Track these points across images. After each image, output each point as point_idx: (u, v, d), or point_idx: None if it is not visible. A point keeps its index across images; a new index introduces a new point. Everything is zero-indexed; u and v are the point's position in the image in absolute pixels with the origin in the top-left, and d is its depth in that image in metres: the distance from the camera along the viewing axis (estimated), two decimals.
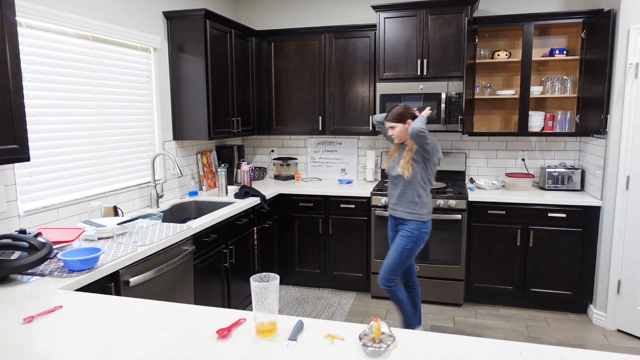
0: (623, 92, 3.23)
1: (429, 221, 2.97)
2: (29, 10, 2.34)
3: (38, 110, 2.48)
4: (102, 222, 2.54)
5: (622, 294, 3.33)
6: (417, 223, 2.92)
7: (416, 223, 2.92)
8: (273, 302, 1.34)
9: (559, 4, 3.92)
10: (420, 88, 3.86)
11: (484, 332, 3.40)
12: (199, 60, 3.49)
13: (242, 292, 3.45)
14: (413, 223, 2.92)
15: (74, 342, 1.34)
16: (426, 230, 2.96)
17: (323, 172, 4.70)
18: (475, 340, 1.32)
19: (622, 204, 3.28)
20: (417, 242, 2.94)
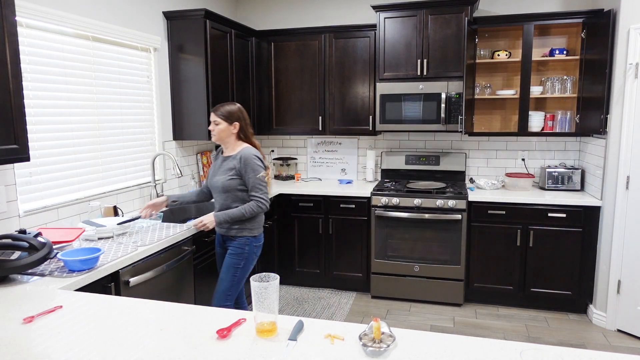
0: (623, 92, 3.23)
1: (260, 235, 2.68)
2: (29, 10, 2.34)
3: (38, 110, 2.47)
4: (102, 222, 2.54)
5: (622, 294, 3.33)
6: (246, 239, 2.61)
7: (245, 239, 2.61)
8: (273, 302, 1.34)
9: (559, 4, 3.92)
10: (420, 88, 3.86)
11: (484, 332, 3.40)
12: (199, 60, 3.49)
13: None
14: (242, 239, 2.61)
15: (74, 342, 1.34)
16: (257, 244, 2.68)
17: (323, 172, 4.70)
18: (475, 340, 1.32)
19: (622, 204, 3.28)
20: (248, 259, 2.63)
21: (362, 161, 4.58)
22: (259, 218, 2.69)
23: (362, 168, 4.58)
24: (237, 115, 2.61)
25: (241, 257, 2.62)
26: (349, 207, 3.97)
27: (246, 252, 2.63)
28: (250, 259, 2.67)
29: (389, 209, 3.80)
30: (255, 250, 2.69)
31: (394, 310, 3.76)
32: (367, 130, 4.16)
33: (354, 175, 4.61)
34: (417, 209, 3.75)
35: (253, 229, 2.64)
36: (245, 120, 2.65)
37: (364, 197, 3.91)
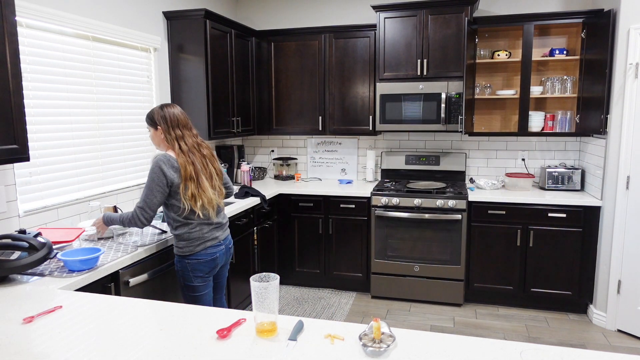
0: (623, 92, 3.23)
1: (196, 253, 2.28)
2: (29, 10, 2.34)
3: (38, 110, 2.48)
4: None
5: (622, 294, 3.33)
6: (177, 257, 2.32)
7: (176, 257, 2.32)
8: (273, 302, 1.34)
9: (559, 4, 3.92)
10: (420, 88, 3.86)
11: (484, 332, 3.40)
12: (199, 60, 3.49)
13: (242, 292, 3.45)
14: (176, 257, 2.33)
15: (74, 342, 1.34)
16: (194, 260, 2.28)
17: (323, 172, 4.70)
18: (475, 340, 1.32)
19: (622, 204, 3.28)
20: (185, 278, 2.30)
21: (362, 161, 4.58)
22: (190, 236, 2.25)
23: (362, 168, 4.58)
24: (156, 118, 2.26)
25: (178, 275, 2.35)
26: (349, 207, 3.97)
27: (179, 270, 2.32)
28: (186, 277, 2.30)
29: (389, 209, 3.80)
30: (193, 267, 2.29)
31: (394, 310, 3.76)
32: (367, 130, 4.16)
33: (354, 175, 4.61)
34: (417, 209, 3.75)
35: (181, 247, 2.28)
36: (167, 123, 2.25)
37: (364, 197, 3.91)
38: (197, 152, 2.27)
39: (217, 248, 2.35)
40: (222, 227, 2.39)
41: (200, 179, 2.22)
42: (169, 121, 2.26)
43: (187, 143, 2.25)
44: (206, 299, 2.36)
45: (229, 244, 2.46)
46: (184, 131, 2.27)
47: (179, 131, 2.26)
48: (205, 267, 2.31)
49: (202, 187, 2.22)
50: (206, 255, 2.30)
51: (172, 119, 2.26)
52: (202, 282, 2.32)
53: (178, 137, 2.24)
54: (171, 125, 2.25)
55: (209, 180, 2.27)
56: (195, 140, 2.31)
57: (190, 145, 2.25)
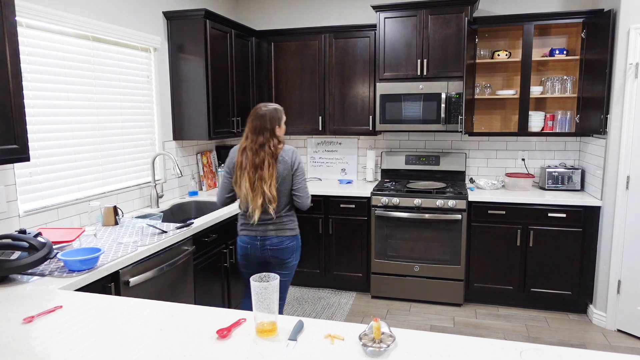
0: (623, 92, 3.23)
1: (238, 234, 2.66)
2: (29, 10, 2.34)
3: (38, 110, 2.48)
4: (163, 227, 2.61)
5: (622, 294, 3.33)
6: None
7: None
8: (273, 302, 1.34)
9: (559, 4, 3.92)
10: (420, 88, 3.86)
11: (484, 332, 3.40)
12: (199, 60, 3.49)
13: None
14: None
15: (74, 342, 1.34)
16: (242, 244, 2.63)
17: (323, 172, 4.70)
18: (475, 340, 1.32)
19: (622, 204, 3.28)
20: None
21: (362, 161, 4.57)
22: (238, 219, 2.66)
23: (362, 168, 4.58)
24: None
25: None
26: (349, 207, 3.97)
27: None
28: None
29: (389, 209, 3.80)
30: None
31: (394, 310, 3.76)
32: (367, 130, 4.16)
33: (354, 175, 4.61)
34: (417, 209, 3.75)
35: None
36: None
37: (364, 197, 3.91)
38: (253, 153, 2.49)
39: (250, 241, 2.58)
40: (262, 226, 2.55)
41: (241, 176, 2.48)
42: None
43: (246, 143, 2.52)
44: (246, 277, 2.59)
45: (268, 245, 2.56)
46: (248, 133, 2.53)
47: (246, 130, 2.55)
48: (239, 250, 2.65)
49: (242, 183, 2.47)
50: (241, 240, 2.63)
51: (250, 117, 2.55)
52: (241, 261, 2.67)
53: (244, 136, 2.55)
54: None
55: (257, 182, 2.46)
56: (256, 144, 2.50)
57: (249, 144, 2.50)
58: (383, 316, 3.66)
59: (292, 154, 2.56)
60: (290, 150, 2.56)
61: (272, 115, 2.51)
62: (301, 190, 2.57)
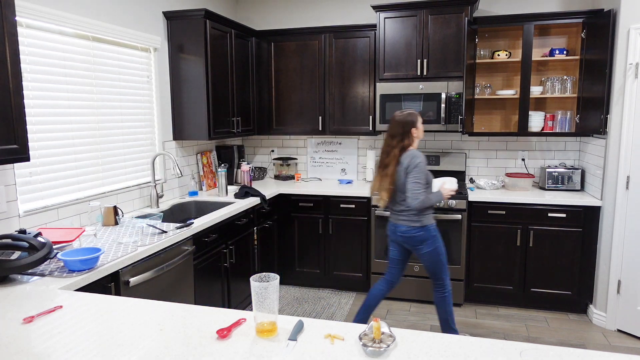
0: (623, 92, 3.23)
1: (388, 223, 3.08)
2: (29, 10, 2.34)
3: (38, 110, 2.48)
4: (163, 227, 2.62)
5: (622, 294, 3.33)
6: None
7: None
8: (273, 302, 1.34)
9: (559, 4, 3.92)
10: (420, 88, 3.86)
11: (484, 332, 3.41)
12: (199, 60, 3.49)
13: (242, 292, 3.45)
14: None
15: (74, 342, 1.34)
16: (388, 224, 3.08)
17: (323, 172, 4.70)
18: (475, 340, 1.32)
19: (622, 204, 3.28)
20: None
21: (362, 161, 4.58)
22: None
23: (362, 168, 4.58)
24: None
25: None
26: (349, 207, 3.97)
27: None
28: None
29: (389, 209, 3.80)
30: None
31: (394, 310, 3.76)
32: (367, 130, 4.16)
33: (354, 175, 4.61)
34: None
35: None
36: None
37: (364, 197, 3.91)
38: (382, 157, 2.94)
39: (388, 225, 3.06)
40: (393, 214, 3.00)
41: (377, 172, 2.97)
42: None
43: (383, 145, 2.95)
44: (389, 254, 3.11)
45: (398, 231, 2.95)
46: (386, 137, 2.94)
47: (385, 135, 2.97)
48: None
49: (375, 177, 2.97)
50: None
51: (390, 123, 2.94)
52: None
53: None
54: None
55: (379, 178, 2.93)
56: (386, 149, 2.91)
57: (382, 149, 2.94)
58: (383, 316, 3.66)
59: (409, 158, 2.82)
60: (409, 155, 2.83)
61: (405, 119, 2.86)
62: (408, 190, 2.82)
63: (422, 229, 2.90)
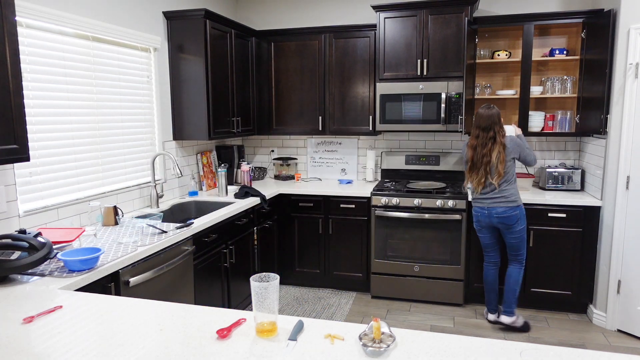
0: (623, 92, 3.23)
1: (472, 206, 3.42)
2: (29, 10, 2.34)
3: (38, 110, 2.48)
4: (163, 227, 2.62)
5: (622, 294, 3.33)
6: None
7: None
8: (273, 302, 1.34)
9: (559, 4, 3.92)
10: (420, 88, 3.86)
11: (484, 332, 3.40)
12: (199, 60, 3.49)
13: (242, 292, 3.45)
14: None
15: (74, 342, 1.34)
16: (475, 213, 3.41)
17: (323, 172, 4.70)
18: (475, 340, 1.32)
19: (622, 204, 3.28)
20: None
21: (362, 161, 4.58)
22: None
23: (362, 168, 4.58)
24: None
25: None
26: (349, 207, 3.97)
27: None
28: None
29: (389, 209, 3.81)
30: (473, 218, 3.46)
31: (394, 310, 3.76)
32: (367, 130, 4.16)
33: (354, 175, 4.61)
34: (417, 209, 3.75)
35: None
36: (473, 123, 3.35)
37: (364, 197, 3.91)
38: (479, 150, 3.24)
39: (480, 211, 3.34)
40: (488, 199, 3.28)
41: (472, 166, 3.29)
42: (474, 121, 3.31)
43: (476, 140, 3.27)
44: (482, 241, 3.46)
45: (494, 213, 3.26)
46: (479, 132, 3.25)
47: (476, 131, 3.27)
48: (474, 218, 3.42)
49: (470, 171, 3.31)
50: (474, 211, 3.40)
51: (476, 120, 3.28)
52: (477, 226, 3.43)
53: (472, 136, 3.31)
54: (474, 124, 3.31)
55: (476, 169, 3.27)
56: (484, 141, 3.23)
57: (477, 143, 3.26)
58: (383, 316, 3.66)
59: (512, 141, 3.24)
60: (509, 139, 3.24)
61: (494, 112, 3.20)
62: (528, 155, 3.27)
63: (517, 207, 3.24)
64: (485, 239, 3.42)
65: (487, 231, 3.38)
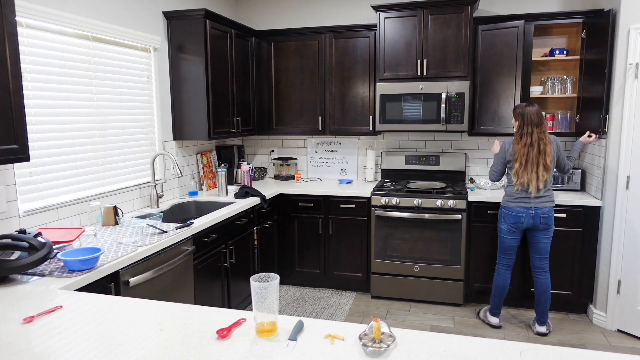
0: (623, 92, 3.23)
1: (508, 207, 3.28)
2: (29, 10, 2.34)
3: (38, 110, 2.48)
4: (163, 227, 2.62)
5: (622, 294, 3.33)
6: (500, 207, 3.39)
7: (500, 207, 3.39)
8: (273, 302, 1.34)
9: (559, 4, 3.92)
10: (420, 88, 3.86)
11: (484, 332, 3.40)
12: (199, 60, 3.49)
13: (242, 292, 3.45)
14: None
15: (74, 342, 1.34)
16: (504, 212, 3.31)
17: (323, 172, 4.70)
18: (475, 340, 1.32)
19: (622, 204, 3.28)
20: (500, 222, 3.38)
21: (362, 161, 4.58)
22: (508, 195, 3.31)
23: (362, 168, 4.58)
24: (514, 113, 3.26)
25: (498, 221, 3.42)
26: (349, 207, 3.97)
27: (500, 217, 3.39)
28: (500, 222, 3.38)
29: (389, 209, 3.81)
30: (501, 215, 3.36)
31: (394, 310, 3.77)
32: (367, 130, 4.16)
33: (354, 175, 4.61)
34: (417, 209, 3.75)
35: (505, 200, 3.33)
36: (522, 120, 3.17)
37: (364, 197, 3.91)
38: (535, 146, 3.13)
39: (525, 211, 3.20)
40: (536, 199, 3.19)
41: (526, 164, 3.14)
42: (524, 120, 3.16)
43: (531, 137, 3.13)
44: (509, 244, 3.34)
45: (541, 213, 3.19)
46: (532, 128, 3.13)
47: (528, 128, 3.14)
48: (511, 219, 3.26)
49: (525, 169, 3.15)
50: (514, 211, 3.24)
51: (526, 117, 3.15)
52: (512, 227, 3.27)
53: (525, 133, 3.15)
54: (524, 122, 3.16)
55: (533, 167, 3.13)
56: (539, 136, 3.13)
57: (533, 140, 3.13)
58: (383, 316, 3.66)
59: (555, 139, 3.24)
60: (552, 137, 3.22)
61: (539, 109, 3.16)
62: (564, 159, 3.29)
63: (554, 206, 3.26)
64: (514, 242, 3.32)
65: (520, 233, 3.30)
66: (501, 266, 3.39)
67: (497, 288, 3.41)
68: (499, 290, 3.40)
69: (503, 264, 3.39)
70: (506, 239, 3.34)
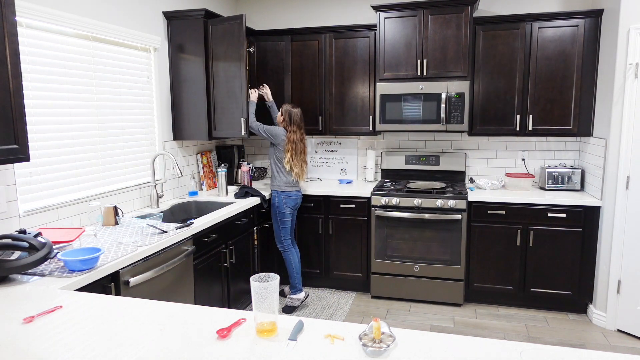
0: (623, 92, 3.23)
1: (286, 192, 3.64)
2: (29, 10, 2.34)
3: (38, 110, 2.48)
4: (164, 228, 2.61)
5: (622, 294, 3.33)
6: (274, 192, 3.69)
7: (274, 192, 3.69)
8: (273, 302, 1.34)
9: (559, 4, 3.92)
10: (420, 88, 3.86)
11: (484, 332, 3.41)
12: (199, 60, 3.49)
13: (242, 292, 3.45)
14: (273, 192, 3.71)
15: (74, 342, 1.34)
16: (285, 197, 3.64)
17: (323, 172, 4.70)
18: (475, 340, 1.32)
19: (622, 204, 3.28)
20: (278, 207, 3.67)
21: (362, 161, 4.58)
22: (282, 181, 3.65)
23: (362, 168, 4.58)
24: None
25: (274, 207, 3.71)
26: (349, 207, 3.97)
27: (275, 203, 3.69)
28: (280, 207, 3.67)
29: (389, 209, 3.81)
30: (283, 201, 3.66)
31: (394, 310, 3.77)
32: (367, 130, 4.16)
33: (354, 175, 4.61)
34: (417, 209, 3.75)
35: (279, 186, 3.66)
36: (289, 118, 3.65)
37: (364, 197, 3.91)
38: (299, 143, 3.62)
39: (298, 194, 3.71)
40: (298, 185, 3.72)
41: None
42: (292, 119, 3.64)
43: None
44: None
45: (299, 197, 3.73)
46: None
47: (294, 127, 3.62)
48: (291, 202, 3.68)
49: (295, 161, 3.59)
50: (292, 195, 3.67)
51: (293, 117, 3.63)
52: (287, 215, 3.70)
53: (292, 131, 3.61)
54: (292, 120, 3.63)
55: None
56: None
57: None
58: (383, 316, 3.66)
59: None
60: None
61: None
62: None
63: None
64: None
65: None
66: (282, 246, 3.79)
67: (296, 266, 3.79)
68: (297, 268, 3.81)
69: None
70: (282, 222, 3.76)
